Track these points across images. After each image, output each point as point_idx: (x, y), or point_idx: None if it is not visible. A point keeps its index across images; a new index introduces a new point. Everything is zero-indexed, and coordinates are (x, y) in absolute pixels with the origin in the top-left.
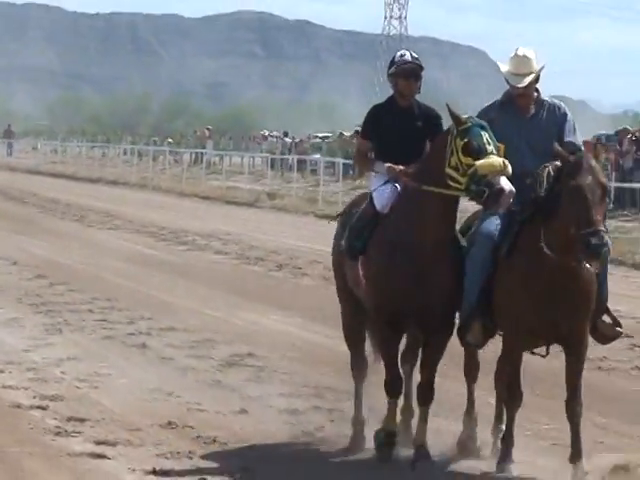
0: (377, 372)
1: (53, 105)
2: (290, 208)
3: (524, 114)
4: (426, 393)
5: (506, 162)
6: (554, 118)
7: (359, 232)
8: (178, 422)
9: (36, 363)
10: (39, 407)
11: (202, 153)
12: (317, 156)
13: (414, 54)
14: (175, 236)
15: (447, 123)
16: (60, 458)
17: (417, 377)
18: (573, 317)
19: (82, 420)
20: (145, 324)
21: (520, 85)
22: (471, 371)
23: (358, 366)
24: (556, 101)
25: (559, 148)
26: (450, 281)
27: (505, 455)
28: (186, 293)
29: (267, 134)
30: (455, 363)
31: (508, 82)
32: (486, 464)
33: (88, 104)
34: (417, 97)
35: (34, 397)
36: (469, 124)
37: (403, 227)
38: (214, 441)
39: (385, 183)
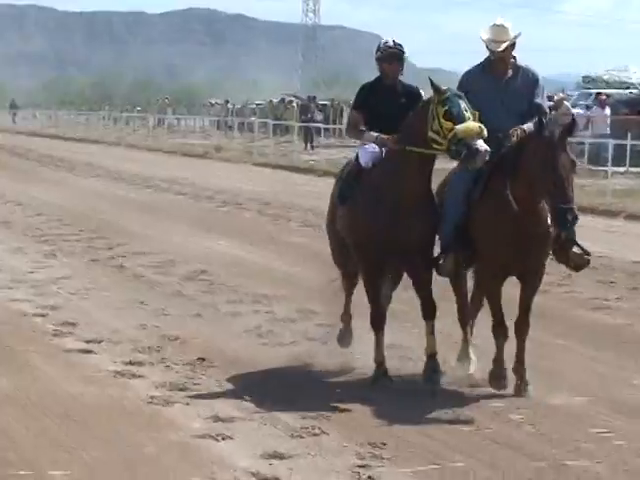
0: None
1: (48, 83)
2: (232, 159)
3: (501, 77)
4: (428, 308)
5: (482, 126)
6: (527, 82)
7: (347, 182)
8: (148, 324)
9: (37, 281)
10: (40, 315)
11: (163, 118)
12: (252, 118)
13: (396, 40)
14: (144, 181)
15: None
16: (57, 353)
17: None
18: (534, 254)
19: (73, 324)
20: (121, 249)
21: (498, 49)
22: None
23: (347, 279)
24: (530, 67)
25: (541, 110)
26: (425, 224)
27: (498, 374)
28: (153, 225)
29: (213, 102)
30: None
31: (488, 47)
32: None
33: (74, 82)
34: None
35: (36, 307)
36: (448, 94)
37: (386, 180)
38: (176, 338)
39: (367, 145)
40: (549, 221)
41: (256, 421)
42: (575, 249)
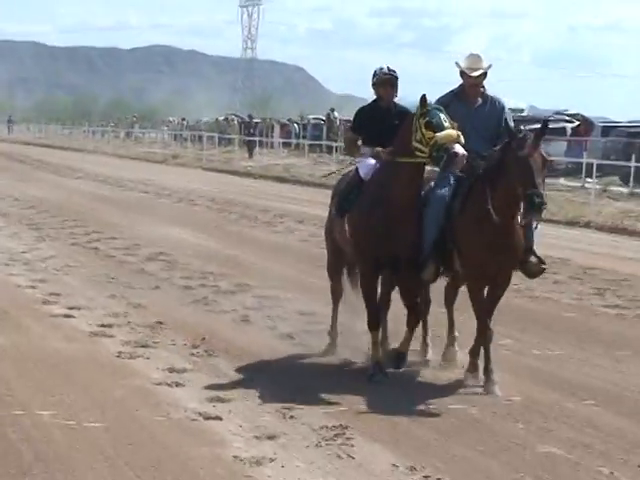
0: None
1: (39, 103)
2: (186, 164)
3: (472, 104)
4: (412, 319)
5: (459, 133)
6: (495, 109)
7: (347, 195)
8: (117, 294)
9: (29, 260)
10: (31, 287)
11: (131, 131)
12: (202, 132)
13: (390, 67)
14: (115, 182)
15: None
16: (44, 317)
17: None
18: (508, 262)
19: (58, 294)
20: (96, 235)
21: (473, 74)
22: (450, 299)
23: (336, 294)
24: (497, 96)
25: (510, 128)
26: (417, 230)
27: (473, 366)
28: (122, 216)
29: (171, 119)
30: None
31: (462, 75)
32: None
33: (60, 102)
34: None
35: (28, 280)
36: (429, 107)
37: (381, 190)
38: (139, 306)
39: (365, 158)
40: (521, 231)
41: (203, 372)
42: (532, 258)
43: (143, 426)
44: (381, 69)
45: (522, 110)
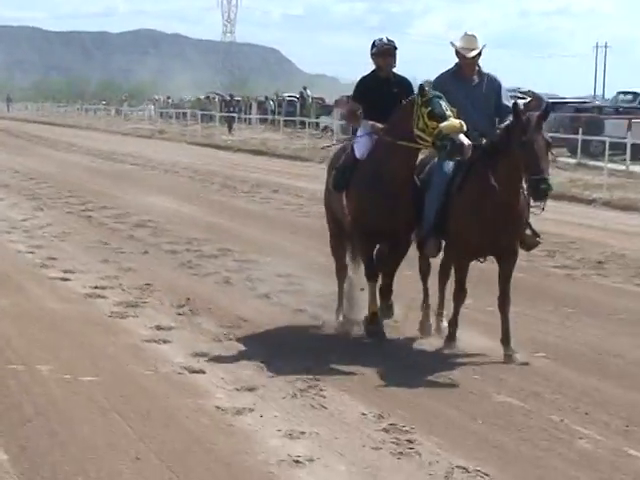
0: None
1: (36, 83)
2: (171, 139)
3: (469, 82)
4: (386, 292)
5: (462, 123)
6: (492, 86)
7: (343, 172)
8: (109, 259)
9: (28, 227)
10: (30, 252)
11: (121, 109)
12: (186, 110)
13: (389, 37)
14: (107, 156)
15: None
16: (43, 280)
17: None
18: (511, 235)
19: (55, 259)
20: (90, 205)
21: (469, 55)
22: (425, 272)
23: (340, 271)
24: (492, 73)
25: (519, 108)
26: (410, 208)
27: (452, 336)
28: (113, 186)
29: (157, 97)
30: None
31: (458, 54)
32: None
33: (56, 82)
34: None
35: (27, 246)
36: (430, 96)
37: (378, 168)
38: (130, 269)
39: (363, 135)
40: (525, 204)
41: (187, 330)
42: (527, 231)
43: (133, 379)
44: (380, 40)
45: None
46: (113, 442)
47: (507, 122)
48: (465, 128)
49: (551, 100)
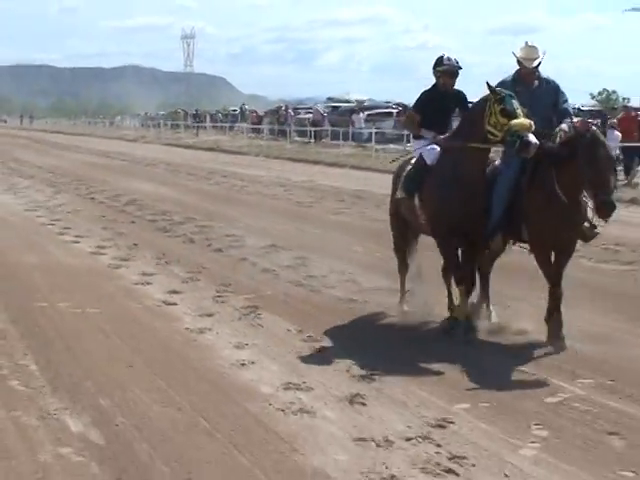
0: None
1: (53, 104)
2: (150, 142)
3: (530, 86)
4: (468, 282)
5: (532, 122)
6: (550, 90)
7: (413, 178)
8: (107, 227)
9: (49, 206)
10: (51, 224)
11: (113, 121)
12: (161, 121)
13: (456, 58)
14: (104, 154)
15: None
16: (60, 243)
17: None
18: (572, 234)
19: (69, 228)
20: (93, 189)
21: (531, 65)
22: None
23: (402, 269)
24: (550, 77)
25: (581, 126)
26: (484, 206)
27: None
28: (109, 176)
29: (139, 113)
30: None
31: (520, 64)
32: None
33: (67, 104)
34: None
35: (49, 220)
36: (503, 94)
37: (453, 171)
38: (122, 234)
39: (428, 145)
40: (586, 208)
41: (164, 274)
42: (586, 224)
43: (126, 311)
44: (449, 59)
45: (364, 101)
46: (112, 355)
47: (564, 125)
48: (534, 127)
49: None
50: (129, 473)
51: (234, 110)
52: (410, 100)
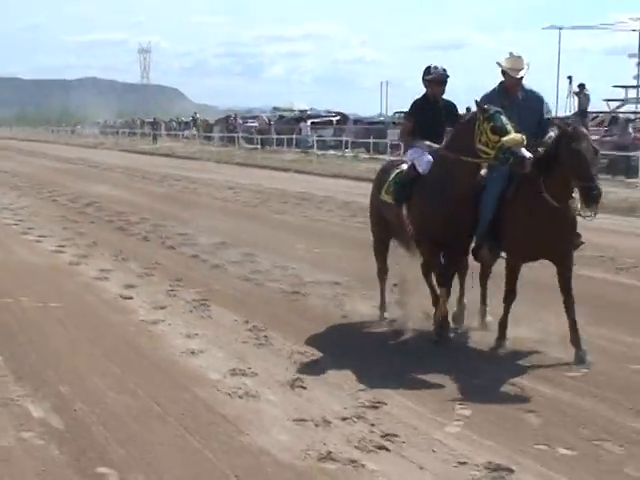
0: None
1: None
2: (109, 148)
3: (515, 98)
4: (444, 280)
5: (524, 137)
6: (535, 101)
7: (403, 187)
8: (68, 227)
9: (13, 208)
10: (15, 224)
11: (74, 129)
12: (119, 129)
13: (444, 67)
14: (66, 160)
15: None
16: (24, 242)
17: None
18: (564, 242)
19: (32, 228)
20: (54, 192)
21: (517, 76)
22: (484, 277)
23: (382, 272)
24: (534, 89)
25: (559, 121)
26: (472, 219)
27: (502, 335)
28: (70, 180)
29: (99, 121)
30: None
31: (505, 74)
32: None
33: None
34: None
35: (13, 221)
36: (492, 111)
37: (442, 183)
38: (82, 233)
39: (421, 154)
40: (575, 211)
41: (120, 271)
42: None
43: (85, 304)
44: (436, 68)
45: (307, 110)
46: (72, 346)
47: (551, 134)
48: (525, 142)
49: (353, 117)
50: (87, 455)
51: (187, 119)
52: (349, 109)
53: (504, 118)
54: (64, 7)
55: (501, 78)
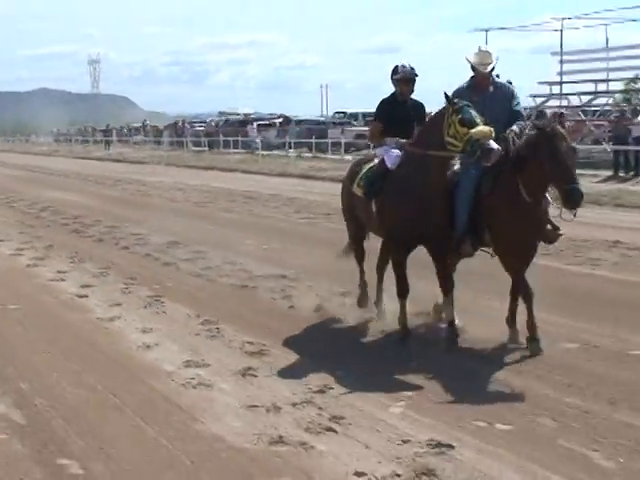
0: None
1: None
2: (63, 155)
3: (485, 92)
4: (446, 284)
5: (492, 129)
6: (506, 94)
7: (373, 182)
8: (25, 231)
9: None
10: None
11: (29, 139)
12: (72, 136)
13: (411, 65)
14: (22, 167)
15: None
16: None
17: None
18: (537, 236)
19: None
20: (12, 198)
21: (486, 71)
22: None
23: (358, 256)
24: (505, 82)
25: (536, 121)
26: (444, 213)
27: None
28: (26, 186)
29: (53, 130)
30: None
31: (474, 70)
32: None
33: None
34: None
35: None
36: (460, 104)
37: (412, 178)
38: (40, 237)
39: (389, 149)
40: (547, 209)
41: (77, 271)
42: (548, 226)
43: (43, 305)
44: (404, 67)
45: (251, 114)
46: (31, 346)
47: (515, 127)
48: (494, 134)
49: (295, 119)
50: (48, 447)
51: (137, 126)
52: (291, 112)
53: (473, 111)
54: (16, 23)
55: (471, 73)
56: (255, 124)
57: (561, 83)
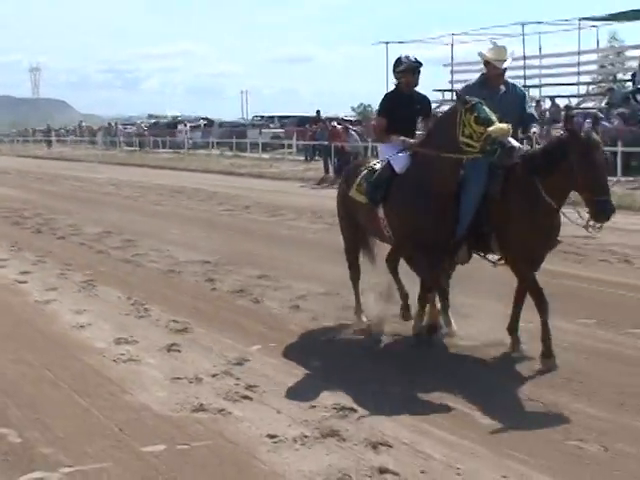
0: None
1: None
2: (5, 154)
3: (497, 91)
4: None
5: (510, 126)
6: (517, 95)
7: (378, 187)
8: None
9: None
10: None
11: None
12: (14, 137)
13: (416, 57)
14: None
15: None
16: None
17: None
18: (555, 241)
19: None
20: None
21: (501, 66)
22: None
23: (354, 273)
24: (517, 84)
25: (573, 127)
26: (453, 219)
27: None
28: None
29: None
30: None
31: (488, 65)
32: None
33: None
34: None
35: None
36: (473, 102)
37: (422, 183)
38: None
39: (398, 152)
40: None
41: (17, 259)
42: None
43: None
44: (407, 57)
45: (178, 116)
46: None
47: (534, 130)
48: (511, 131)
49: (219, 121)
50: None
51: (74, 127)
52: (214, 115)
53: (487, 108)
54: None
55: (482, 70)
56: (188, 125)
57: (452, 91)
